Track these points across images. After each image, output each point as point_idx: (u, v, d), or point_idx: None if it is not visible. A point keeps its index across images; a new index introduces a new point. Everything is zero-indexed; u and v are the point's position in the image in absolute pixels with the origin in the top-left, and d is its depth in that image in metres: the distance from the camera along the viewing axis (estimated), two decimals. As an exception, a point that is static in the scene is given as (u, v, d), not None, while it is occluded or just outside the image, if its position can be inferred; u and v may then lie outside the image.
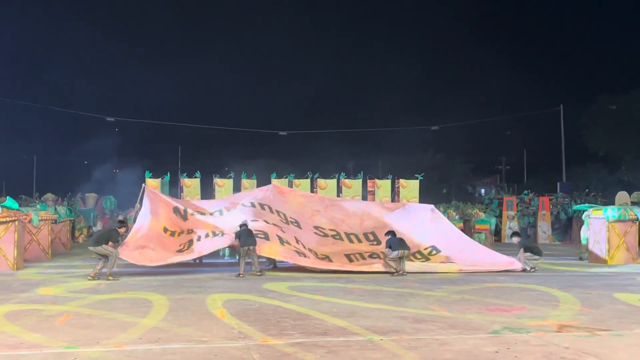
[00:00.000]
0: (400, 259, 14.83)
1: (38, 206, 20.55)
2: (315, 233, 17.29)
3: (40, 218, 19.06)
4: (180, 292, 11.46)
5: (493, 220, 27.09)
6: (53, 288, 12.05)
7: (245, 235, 14.77)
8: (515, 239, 16.54)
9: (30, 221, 18.35)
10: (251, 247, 14.62)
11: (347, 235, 17.42)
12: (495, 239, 27.79)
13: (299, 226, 17.26)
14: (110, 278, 13.53)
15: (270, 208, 17.43)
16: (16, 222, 16.02)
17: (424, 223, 17.67)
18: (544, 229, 28.63)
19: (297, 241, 16.13)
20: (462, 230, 19.83)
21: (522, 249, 15.74)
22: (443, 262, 15.88)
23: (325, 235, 17.34)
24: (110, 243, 13.97)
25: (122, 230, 14.70)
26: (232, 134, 48.76)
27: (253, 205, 17.31)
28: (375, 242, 17.00)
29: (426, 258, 16.18)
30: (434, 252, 16.49)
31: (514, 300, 10.55)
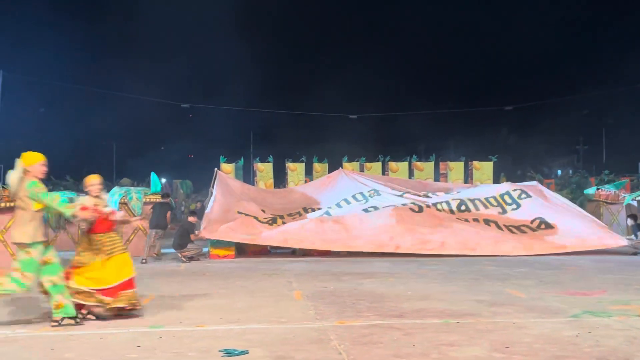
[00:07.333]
0: None
1: (140, 188, 16.43)
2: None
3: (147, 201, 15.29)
4: (257, 275, 11.76)
5: None
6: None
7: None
8: (630, 222, 15.86)
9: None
10: None
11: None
12: None
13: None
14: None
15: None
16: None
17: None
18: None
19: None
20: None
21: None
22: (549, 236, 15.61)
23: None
24: (192, 236, 14.48)
25: (193, 219, 15.13)
26: (303, 118, 49.00)
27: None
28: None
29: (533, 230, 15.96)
30: (542, 225, 16.15)
31: (594, 284, 10.28)
